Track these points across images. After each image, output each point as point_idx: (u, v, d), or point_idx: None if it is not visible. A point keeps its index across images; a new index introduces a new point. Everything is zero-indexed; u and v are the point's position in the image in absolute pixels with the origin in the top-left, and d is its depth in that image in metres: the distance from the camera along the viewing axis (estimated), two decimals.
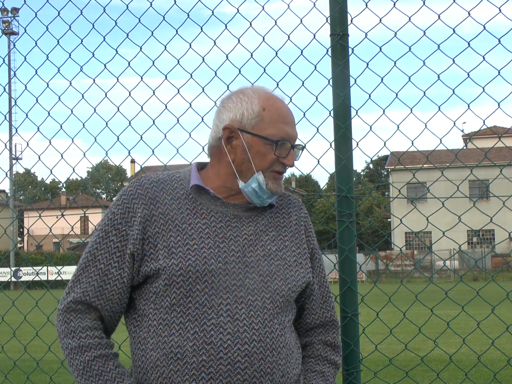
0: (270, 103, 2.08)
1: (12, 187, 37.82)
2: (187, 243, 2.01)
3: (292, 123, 2.10)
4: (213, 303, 1.98)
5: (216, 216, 2.06)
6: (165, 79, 3.44)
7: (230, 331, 1.96)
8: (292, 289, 2.06)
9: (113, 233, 2.04)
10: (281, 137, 2.05)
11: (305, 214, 2.22)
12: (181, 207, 2.06)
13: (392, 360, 3.21)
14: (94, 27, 3.52)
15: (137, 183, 2.08)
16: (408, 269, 38.16)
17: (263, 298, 2.01)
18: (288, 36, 3.15)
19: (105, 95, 3.55)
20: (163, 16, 3.36)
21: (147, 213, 2.04)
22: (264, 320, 1.99)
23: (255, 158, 2.05)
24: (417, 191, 44.17)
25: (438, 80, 2.96)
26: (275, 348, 2.00)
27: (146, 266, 2.02)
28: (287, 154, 2.06)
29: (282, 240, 2.12)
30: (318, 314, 2.20)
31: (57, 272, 33.78)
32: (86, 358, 1.99)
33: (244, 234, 2.06)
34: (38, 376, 7.03)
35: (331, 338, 2.21)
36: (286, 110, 2.11)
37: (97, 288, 2.04)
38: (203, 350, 1.95)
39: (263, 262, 2.05)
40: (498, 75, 2.91)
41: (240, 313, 1.98)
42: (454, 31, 2.91)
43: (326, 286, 2.22)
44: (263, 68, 3.18)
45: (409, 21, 2.94)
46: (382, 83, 3.04)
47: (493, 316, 3.29)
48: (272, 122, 2.05)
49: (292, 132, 2.09)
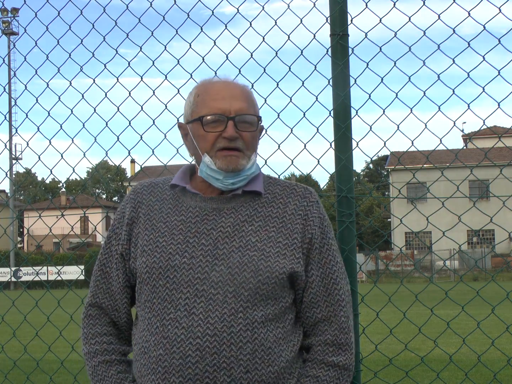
0: (203, 88, 2.11)
1: (12, 187, 37.81)
2: (157, 241, 2.07)
3: (227, 97, 2.06)
4: (173, 297, 2.00)
5: (194, 211, 2.09)
6: (165, 79, 3.44)
7: (185, 325, 1.97)
8: (264, 281, 1.99)
9: (113, 237, 2.18)
10: (211, 112, 2.05)
11: (309, 202, 2.13)
12: (163, 207, 2.13)
13: (392, 360, 3.21)
14: (94, 27, 3.52)
15: (132, 189, 2.21)
16: (408, 269, 38.16)
17: (226, 292, 1.98)
18: (288, 36, 3.15)
19: (105, 95, 3.55)
20: (163, 16, 3.36)
21: (134, 215, 2.14)
22: (223, 314, 1.96)
23: (198, 142, 2.08)
24: (417, 191, 44.18)
25: (438, 80, 2.96)
26: (235, 343, 1.95)
27: (131, 265, 2.12)
28: (225, 127, 2.03)
29: (267, 231, 2.06)
30: (320, 307, 2.09)
31: (57, 272, 33.76)
32: (93, 363, 2.14)
33: (220, 227, 2.05)
34: (38, 376, 7.03)
35: (332, 336, 2.09)
36: (219, 87, 2.09)
37: (105, 290, 2.17)
38: (160, 344, 1.99)
39: (235, 254, 2.01)
40: (498, 75, 2.91)
41: (197, 307, 1.97)
42: (454, 31, 2.91)
43: (333, 279, 2.10)
44: (263, 68, 3.18)
45: (409, 21, 2.94)
46: (382, 83, 3.04)
47: (493, 316, 3.29)
48: (204, 103, 2.07)
49: (226, 105, 2.04)
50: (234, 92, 2.08)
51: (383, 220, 56.80)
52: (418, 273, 34.29)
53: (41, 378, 6.85)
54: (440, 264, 36.63)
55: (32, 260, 43.83)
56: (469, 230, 40.77)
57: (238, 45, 3.21)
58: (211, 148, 2.05)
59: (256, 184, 2.12)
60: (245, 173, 2.07)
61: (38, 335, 3.88)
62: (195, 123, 2.08)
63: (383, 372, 4.30)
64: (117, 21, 3.50)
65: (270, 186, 2.16)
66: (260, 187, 2.11)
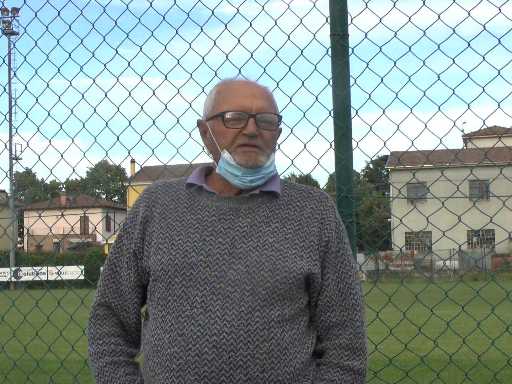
0: (225, 86, 2.12)
1: (12, 187, 37.81)
2: (172, 239, 2.06)
3: (248, 95, 2.07)
4: (189, 295, 1.99)
5: (210, 210, 2.08)
6: (165, 79, 3.45)
7: (201, 322, 1.96)
8: (281, 281, 1.99)
9: (125, 236, 2.16)
10: (232, 109, 2.05)
11: (325, 207, 2.13)
12: (178, 206, 2.12)
13: (392, 360, 3.20)
14: (94, 27, 3.52)
15: (146, 189, 2.19)
16: (408, 269, 38.16)
17: (243, 290, 1.97)
18: (288, 36, 3.15)
19: (105, 95, 3.55)
20: (163, 16, 3.36)
21: (148, 214, 2.13)
22: (240, 312, 1.95)
23: (218, 139, 2.08)
24: (417, 191, 44.18)
25: (438, 80, 2.96)
26: (252, 341, 1.94)
27: (143, 264, 2.10)
28: (246, 124, 2.04)
29: (284, 233, 2.06)
30: (335, 312, 2.09)
31: (57, 272, 33.77)
32: (100, 364, 2.10)
33: (237, 226, 2.05)
34: (38, 376, 7.03)
35: (347, 340, 2.08)
36: (241, 86, 2.11)
37: (115, 290, 2.15)
38: (175, 341, 1.97)
39: (253, 253, 2.01)
40: (498, 75, 2.91)
41: (214, 305, 1.96)
42: (454, 31, 2.91)
43: (348, 283, 2.09)
44: (263, 68, 3.18)
45: (409, 21, 2.94)
46: (382, 83, 3.04)
47: (493, 316, 3.29)
48: (225, 101, 2.08)
49: (247, 103, 2.06)
50: (256, 91, 2.10)
51: (383, 220, 56.80)
52: (418, 273, 34.29)
53: (41, 378, 6.85)
54: (440, 264, 36.61)
55: (32, 260, 43.83)
56: (469, 230, 40.76)
57: (238, 45, 3.21)
58: (230, 145, 2.06)
59: (273, 185, 2.12)
60: (264, 171, 2.07)
61: (38, 335, 3.88)
62: (215, 119, 2.09)
63: (383, 372, 4.30)
64: (117, 21, 3.50)
65: (286, 189, 2.16)
66: (277, 188, 2.12)
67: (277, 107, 2.16)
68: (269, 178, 2.12)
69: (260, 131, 2.06)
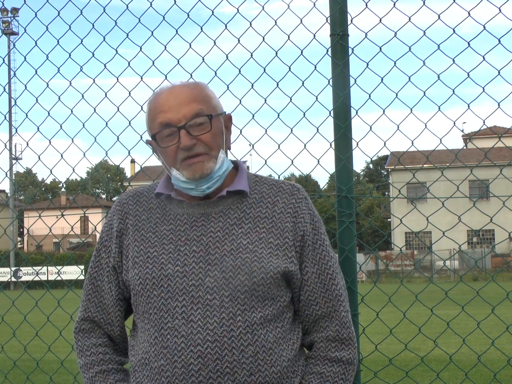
0: (152, 102, 2.07)
1: (12, 187, 37.81)
2: (147, 252, 2.05)
3: (173, 106, 1.99)
4: (169, 306, 1.98)
5: (182, 219, 2.06)
6: (165, 79, 3.44)
7: (184, 333, 1.95)
8: (259, 283, 1.97)
9: (103, 250, 2.15)
10: (159, 128, 2.00)
11: (298, 199, 2.08)
12: (150, 216, 2.10)
13: (392, 360, 3.20)
14: (94, 27, 3.52)
15: (118, 200, 2.18)
16: (408, 269, 38.16)
17: (222, 297, 1.96)
18: (288, 36, 3.15)
19: (105, 95, 3.55)
20: (163, 16, 3.36)
21: (122, 227, 2.12)
22: (221, 319, 1.95)
23: (163, 158, 2.06)
24: (417, 191, 44.17)
25: (438, 80, 2.96)
26: (236, 347, 1.94)
27: (123, 277, 2.10)
28: (179, 137, 1.98)
29: (258, 233, 2.03)
30: (319, 304, 2.07)
31: (57, 272, 33.77)
32: (90, 375, 2.11)
33: (209, 232, 2.03)
34: (38, 376, 7.03)
35: (333, 332, 2.07)
36: (163, 98, 2.02)
37: (97, 304, 2.15)
38: (161, 354, 1.98)
39: (228, 258, 1.99)
40: (498, 75, 2.91)
41: (195, 314, 1.96)
42: (454, 31, 2.91)
43: (329, 274, 2.07)
44: (263, 68, 3.18)
45: (409, 21, 2.94)
46: (382, 83, 3.04)
47: (493, 316, 3.29)
48: (153, 120, 2.04)
49: (173, 115, 1.98)
50: (180, 98, 2.01)
51: (383, 220, 56.79)
52: (418, 273, 34.28)
53: (41, 378, 6.85)
54: (440, 264, 36.62)
55: (32, 260, 43.85)
56: (469, 230, 40.77)
57: (238, 45, 3.21)
58: (175, 161, 2.02)
59: (240, 183, 2.07)
60: (217, 174, 2.02)
61: (38, 335, 3.88)
62: (153, 141, 2.05)
63: (383, 372, 4.30)
64: (117, 21, 3.50)
65: (257, 185, 2.11)
66: (245, 185, 2.07)
67: (212, 100, 2.06)
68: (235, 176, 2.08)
69: (196, 137, 1.99)
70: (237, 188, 2.06)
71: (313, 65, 3.10)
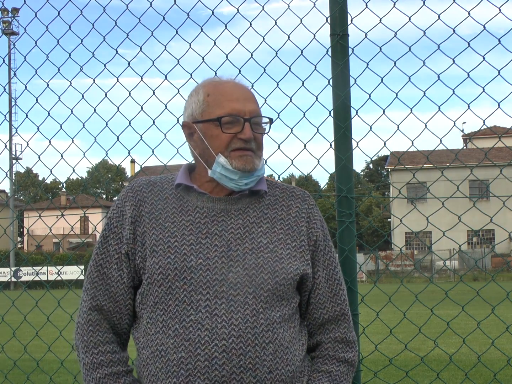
0: (213, 87, 2.11)
1: (12, 187, 37.81)
2: (167, 241, 2.04)
3: (241, 98, 2.08)
4: (192, 299, 1.98)
5: (202, 212, 2.08)
6: (165, 79, 3.44)
7: (208, 327, 1.96)
8: (281, 283, 2.02)
9: (111, 236, 2.12)
10: (228, 113, 2.05)
11: (310, 205, 2.17)
12: (167, 206, 2.10)
13: (392, 360, 3.21)
14: (94, 27, 3.52)
15: (129, 187, 2.16)
16: (408, 269, 38.15)
17: (246, 293, 1.98)
18: (288, 36, 3.15)
19: (105, 95, 3.55)
20: (163, 16, 3.36)
21: (136, 214, 2.10)
22: (246, 315, 1.97)
23: (211, 142, 2.07)
24: (417, 191, 44.18)
25: (438, 80, 2.96)
26: (259, 343, 1.96)
27: (138, 265, 2.07)
28: (242, 128, 2.04)
29: (276, 233, 2.08)
30: (327, 308, 2.14)
31: (57, 272, 33.77)
32: (97, 376, 2.05)
33: (231, 228, 2.05)
34: (38, 376, 7.03)
35: (342, 334, 2.14)
36: (231, 88, 2.10)
37: (104, 292, 2.10)
38: (182, 346, 1.96)
39: (250, 256, 2.02)
40: (498, 75, 2.91)
41: (219, 309, 1.97)
42: (454, 31, 2.91)
43: (336, 279, 2.16)
44: (263, 68, 3.18)
45: (409, 21, 2.94)
46: (382, 83, 3.04)
47: (493, 316, 3.29)
48: (217, 104, 2.07)
49: (241, 107, 2.06)
50: (246, 94, 2.10)
51: (383, 220, 56.79)
52: (418, 273, 34.28)
53: (41, 378, 6.84)
54: (440, 264, 36.63)
55: (32, 260, 43.85)
56: (469, 230, 40.75)
57: (238, 45, 3.21)
58: (225, 149, 2.05)
59: (261, 184, 2.13)
60: (257, 173, 2.09)
61: (38, 335, 3.88)
62: (207, 123, 2.08)
63: (383, 372, 4.31)
64: (117, 21, 3.50)
65: (270, 188, 2.17)
66: (265, 186, 2.14)
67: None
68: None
69: (254, 134, 2.07)
70: (259, 188, 2.12)
71: (313, 65, 3.10)
